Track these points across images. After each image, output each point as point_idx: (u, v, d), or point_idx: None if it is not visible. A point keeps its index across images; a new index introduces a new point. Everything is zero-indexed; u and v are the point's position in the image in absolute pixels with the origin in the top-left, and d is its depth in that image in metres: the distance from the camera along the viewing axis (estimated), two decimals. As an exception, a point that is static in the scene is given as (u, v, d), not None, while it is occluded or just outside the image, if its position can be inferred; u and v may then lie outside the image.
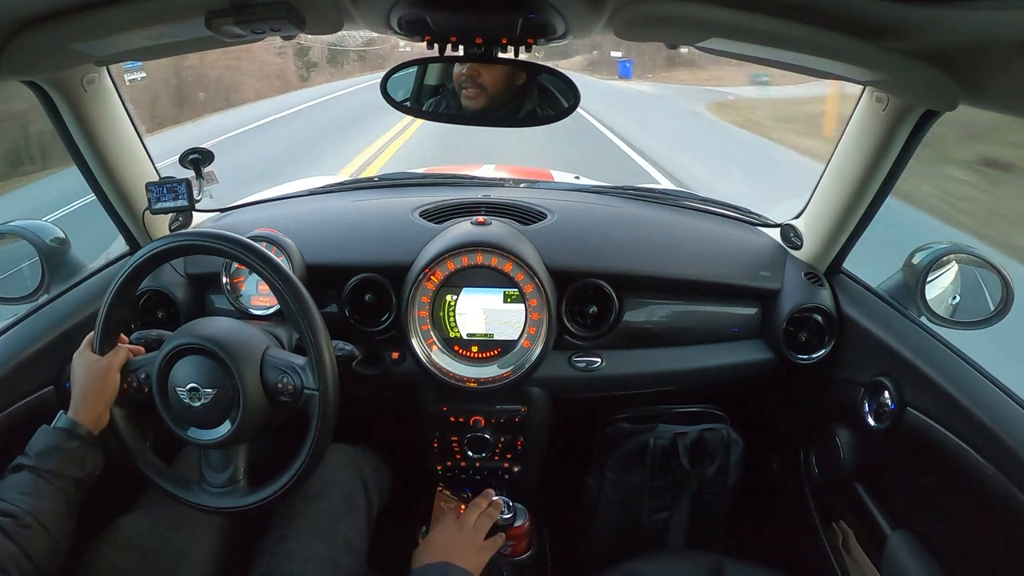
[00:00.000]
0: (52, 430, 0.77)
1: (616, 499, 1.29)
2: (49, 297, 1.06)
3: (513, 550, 1.21)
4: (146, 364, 0.83)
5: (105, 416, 0.81)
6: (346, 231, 1.24)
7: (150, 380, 0.81)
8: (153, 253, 0.80)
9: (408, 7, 0.73)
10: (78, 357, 0.83)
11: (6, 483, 0.74)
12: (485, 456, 1.22)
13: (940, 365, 0.93)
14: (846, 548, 1.12)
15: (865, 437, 1.08)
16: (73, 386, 0.81)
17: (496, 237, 1.09)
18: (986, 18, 0.61)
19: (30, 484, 0.73)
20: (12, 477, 0.74)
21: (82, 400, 0.79)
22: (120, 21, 0.74)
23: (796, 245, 1.22)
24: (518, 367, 1.09)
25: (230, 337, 0.80)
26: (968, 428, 0.84)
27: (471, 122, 0.93)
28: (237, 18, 0.72)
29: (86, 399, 0.79)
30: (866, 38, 0.72)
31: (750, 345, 1.20)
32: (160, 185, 1.07)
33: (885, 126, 0.96)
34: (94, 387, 0.80)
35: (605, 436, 1.30)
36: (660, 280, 1.17)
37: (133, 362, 0.84)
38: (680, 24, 0.74)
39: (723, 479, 1.26)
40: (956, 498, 0.90)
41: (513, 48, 0.83)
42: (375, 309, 1.14)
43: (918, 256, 1.09)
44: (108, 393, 0.81)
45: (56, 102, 0.97)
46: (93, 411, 0.79)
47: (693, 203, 1.41)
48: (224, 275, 1.12)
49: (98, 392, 0.80)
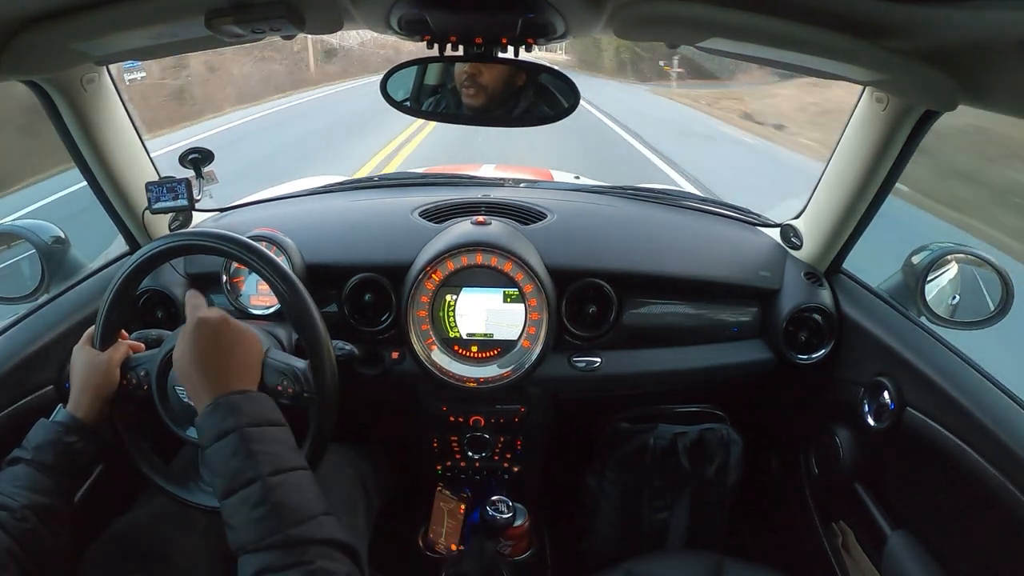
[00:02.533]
0: (50, 424, 0.76)
1: (616, 499, 1.29)
2: (49, 297, 1.06)
3: (513, 550, 1.22)
4: (146, 362, 0.83)
5: (104, 411, 0.80)
6: (346, 231, 1.24)
7: (150, 378, 0.81)
8: (153, 253, 0.80)
9: (408, 7, 0.73)
10: (78, 351, 0.82)
11: (3, 476, 0.73)
12: (485, 456, 1.22)
13: (940, 365, 0.94)
14: (846, 548, 1.12)
15: (865, 437, 1.08)
16: (72, 381, 0.80)
17: (496, 237, 1.09)
18: (986, 18, 0.61)
19: (27, 478, 0.71)
20: (9, 471, 0.73)
21: (81, 394, 0.78)
22: (120, 21, 0.74)
23: (796, 245, 1.22)
24: (518, 367, 1.09)
25: None
26: (968, 428, 0.84)
27: (471, 122, 0.93)
28: (236, 18, 0.72)
29: (85, 393, 0.78)
30: (866, 38, 0.72)
31: (750, 345, 1.20)
32: (160, 185, 1.07)
33: (885, 126, 0.96)
34: (93, 382, 0.79)
35: (605, 436, 1.30)
36: (660, 280, 1.17)
37: (133, 359, 0.84)
38: (680, 24, 0.74)
39: (723, 479, 1.26)
40: (956, 498, 0.90)
41: (513, 48, 0.83)
42: (375, 309, 1.14)
43: (918, 256, 1.09)
44: (107, 388, 0.80)
45: (56, 102, 0.97)
46: (92, 406, 0.78)
47: (693, 203, 1.41)
48: (224, 275, 1.12)
49: (97, 387, 0.79)
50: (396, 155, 7.26)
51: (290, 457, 0.60)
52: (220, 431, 0.59)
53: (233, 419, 0.60)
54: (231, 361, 0.66)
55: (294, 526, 0.54)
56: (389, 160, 7.02)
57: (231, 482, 0.57)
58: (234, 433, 0.59)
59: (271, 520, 0.54)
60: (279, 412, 0.64)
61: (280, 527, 0.53)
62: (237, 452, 0.58)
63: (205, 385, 0.64)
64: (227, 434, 0.59)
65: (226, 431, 0.59)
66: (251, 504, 0.55)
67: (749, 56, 0.88)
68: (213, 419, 0.61)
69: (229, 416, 0.60)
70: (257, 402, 0.63)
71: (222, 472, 0.58)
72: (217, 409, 0.61)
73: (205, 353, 0.66)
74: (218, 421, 0.60)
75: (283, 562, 0.52)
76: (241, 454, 0.58)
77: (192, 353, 0.66)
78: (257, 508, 0.55)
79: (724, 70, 15.81)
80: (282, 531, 0.53)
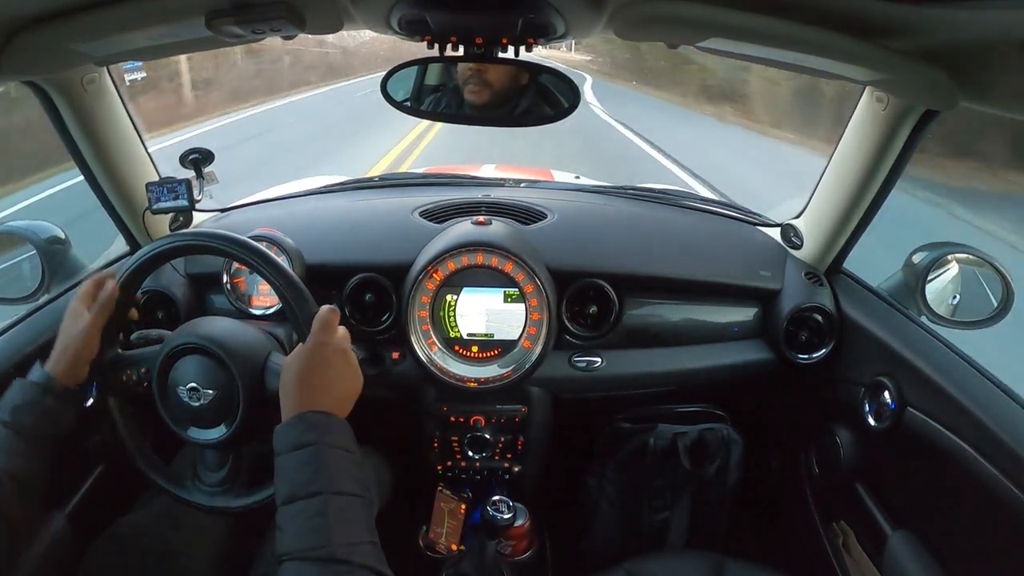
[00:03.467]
0: (27, 384, 0.74)
1: (616, 499, 1.29)
2: (49, 297, 1.06)
3: (513, 550, 1.21)
4: (147, 360, 0.82)
5: (82, 374, 0.78)
6: (346, 231, 1.24)
7: (150, 376, 0.81)
8: (153, 253, 0.80)
9: (408, 7, 0.73)
10: (70, 306, 0.80)
11: None
12: (485, 456, 1.22)
13: (940, 365, 0.94)
14: (846, 548, 1.12)
15: (865, 437, 1.08)
16: (58, 337, 0.79)
17: (496, 237, 1.09)
18: (987, 18, 0.61)
19: (3, 440, 0.69)
20: None
21: (62, 354, 0.77)
22: (120, 21, 0.74)
23: (796, 245, 1.22)
24: (518, 367, 1.09)
25: (233, 339, 0.80)
26: (968, 428, 0.84)
27: (471, 122, 0.93)
28: (237, 18, 0.72)
29: (66, 353, 0.76)
30: (867, 38, 0.72)
31: (750, 345, 1.20)
32: (160, 185, 1.07)
33: (885, 126, 0.96)
34: (75, 344, 0.77)
35: (605, 436, 1.30)
36: (660, 280, 1.17)
37: (134, 355, 0.84)
38: (680, 24, 0.74)
39: (723, 479, 1.26)
40: (956, 498, 0.90)
41: (513, 48, 0.83)
42: (375, 309, 1.14)
43: (918, 256, 1.09)
44: (87, 352, 0.78)
45: (56, 102, 0.97)
46: (70, 367, 0.76)
47: (693, 203, 1.42)
48: (225, 275, 1.12)
49: (78, 349, 0.77)
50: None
51: (353, 484, 0.62)
52: (299, 442, 0.62)
53: (313, 434, 0.62)
54: (331, 388, 0.68)
55: (341, 546, 0.56)
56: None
57: (295, 490, 0.59)
58: (311, 447, 0.61)
59: (321, 535, 0.56)
60: (355, 443, 0.66)
61: (327, 543, 0.55)
62: (308, 465, 0.60)
63: (299, 399, 0.66)
64: (304, 447, 0.61)
65: (304, 444, 0.62)
66: (307, 515, 0.57)
67: (750, 56, 0.88)
68: (295, 430, 0.63)
69: (310, 431, 0.62)
70: (338, 427, 0.65)
71: (289, 479, 0.60)
72: (302, 421, 0.63)
73: (313, 372, 0.68)
74: (299, 433, 0.63)
75: None
76: (311, 468, 0.60)
77: (300, 366, 0.68)
78: (311, 520, 0.57)
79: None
80: (328, 547, 0.55)
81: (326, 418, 0.64)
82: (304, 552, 0.55)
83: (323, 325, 0.71)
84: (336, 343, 0.71)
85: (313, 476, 0.59)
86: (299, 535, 0.57)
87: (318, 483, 0.59)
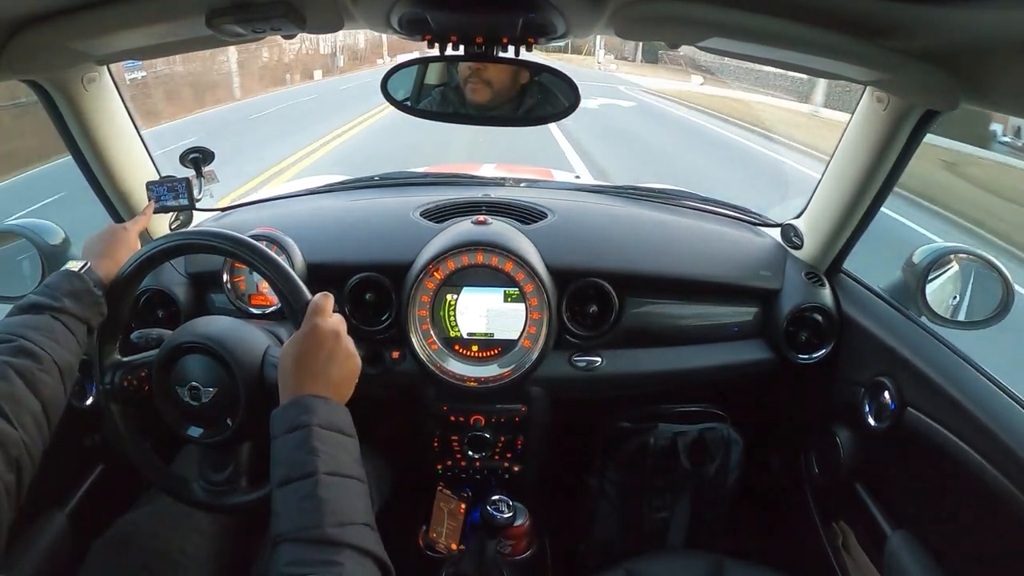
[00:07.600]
0: (74, 275, 0.73)
1: (616, 499, 1.29)
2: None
3: (513, 550, 1.21)
4: (147, 363, 0.82)
5: (112, 273, 0.80)
6: (346, 230, 1.24)
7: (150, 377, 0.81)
8: (154, 252, 0.80)
9: (408, 6, 0.73)
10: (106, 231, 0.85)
11: (25, 323, 0.68)
12: (485, 455, 1.22)
13: (940, 365, 0.94)
14: (846, 548, 1.12)
15: (865, 437, 1.08)
16: (88, 249, 0.82)
17: (496, 236, 1.09)
18: (987, 18, 0.61)
19: (51, 327, 0.68)
20: (31, 318, 0.68)
21: (97, 259, 0.79)
22: (120, 20, 0.74)
23: (796, 245, 1.22)
24: (518, 366, 1.09)
25: (231, 337, 0.80)
26: (968, 428, 0.84)
27: (472, 121, 0.93)
28: (237, 17, 0.72)
29: (102, 259, 0.79)
30: (867, 38, 0.72)
31: (750, 345, 1.20)
32: (160, 184, 1.07)
33: (886, 126, 0.96)
34: (112, 247, 0.81)
35: (605, 436, 1.30)
36: (660, 280, 1.17)
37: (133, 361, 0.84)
38: (681, 24, 0.74)
39: (723, 479, 1.26)
40: (956, 498, 0.90)
41: (514, 48, 0.83)
42: (375, 308, 1.14)
43: (919, 256, 1.08)
44: (123, 253, 0.82)
45: (56, 101, 0.97)
46: (105, 267, 0.79)
47: (693, 203, 1.41)
48: (225, 274, 1.12)
49: (114, 251, 0.81)
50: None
51: (350, 465, 0.61)
52: (293, 424, 0.61)
53: (308, 417, 0.61)
54: (328, 371, 0.68)
55: (334, 526, 0.54)
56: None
57: (289, 472, 0.58)
58: (305, 429, 0.60)
59: (314, 514, 0.55)
60: (352, 426, 0.66)
61: (320, 523, 0.54)
62: (302, 446, 0.59)
63: (295, 382, 0.66)
64: (298, 428, 0.61)
65: (298, 426, 0.61)
66: (300, 496, 0.56)
67: (750, 56, 0.88)
68: (290, 413, 0.63)
69: (305, 414, 0.62)
70: (334, 410, 0.65)
71: (283, 462, 0.60)
72: (296, 405, 0.63)
73: (307, 356, 0.67)
74: (294, 415, 0.62)
75: (314, 557, 0.52)
76: (305, 449, 0.59)
77: (295, 351, 0.68)
78: (305, 501, 0.56)
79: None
80: (321, 527, 0.54)
81: (321, 401, 0.63)
82: (296, 533, 0.54)
83: (316, 309, 0.71)
84: (329, 325, 0.70)
85: (307, 457, 0.58)
86: (291, 516, 0.56)
87: (311, 464, 0.58)
